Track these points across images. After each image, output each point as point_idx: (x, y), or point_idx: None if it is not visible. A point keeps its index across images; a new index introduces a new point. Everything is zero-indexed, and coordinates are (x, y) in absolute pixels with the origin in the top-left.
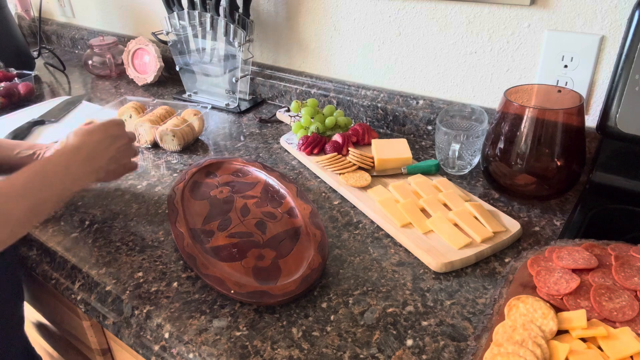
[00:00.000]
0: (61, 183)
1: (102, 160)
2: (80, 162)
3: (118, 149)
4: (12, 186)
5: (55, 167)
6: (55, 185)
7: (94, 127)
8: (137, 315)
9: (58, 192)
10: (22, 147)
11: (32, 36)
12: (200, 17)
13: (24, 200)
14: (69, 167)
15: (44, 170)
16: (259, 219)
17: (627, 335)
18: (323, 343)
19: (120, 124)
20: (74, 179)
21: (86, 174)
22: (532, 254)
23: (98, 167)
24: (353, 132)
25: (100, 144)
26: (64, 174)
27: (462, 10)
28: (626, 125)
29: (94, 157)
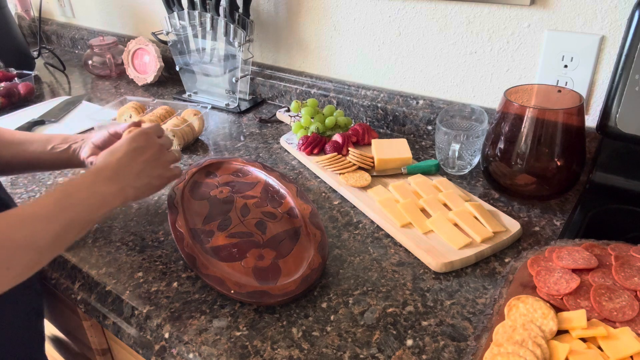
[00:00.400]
0: (87, 204)
1: (128, 177)
2: (103, 182)
3: (146, 161)
4: (40, 209)
5: (79, 188)
6: (81, 206)
7: (118, 144)
8: (137, 315)
9: (85, 215)
10: (56, 142)
11: (32, 36)
12: (200, 17)
13: (52, 223)
14: (93, 187)
15: (68, 193)
16: (259, 219)
17: (627, 335)
18: (323, 343)
19: (146, 134)
20: (100, 201)
21: (112, 195)
22: (532, 254)
23: (124, 185)
24: (353, 132)
25: (123, 160)
26: (88, 195)
27: (462, 10)
28: (626, 125)
29: (118, 176)
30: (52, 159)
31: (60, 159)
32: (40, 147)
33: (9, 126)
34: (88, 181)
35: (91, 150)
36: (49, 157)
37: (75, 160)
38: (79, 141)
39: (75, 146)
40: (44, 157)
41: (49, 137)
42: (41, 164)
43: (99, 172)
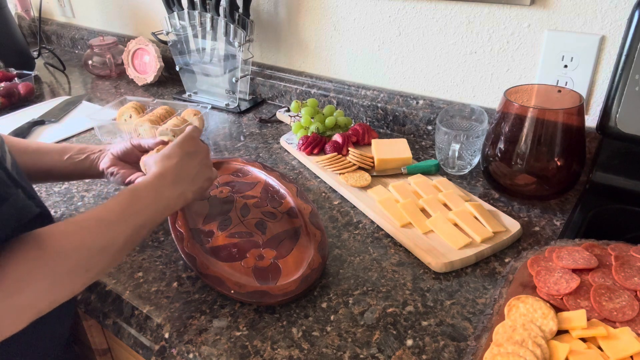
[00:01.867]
0: (154, 209)
1: (187, 181)
2: (167, 186)
3: (199, 164)
4: (112, 213)
5: (146, 193)
6: (148, 210)
7: (171, 149)
8: (137, 315)
9: (152, 218)
10: (72, 152)
11: (32, 36)
12: (200, 17)
13: (125, 226)
14: (158, 192)
15: (137, 196)
16: (259, 219)
17: (627, 335)
18: (323, 343)
19: (194, 138)
20: (164, 205)
21: (175, 198)
22: (532, 254)
23: (185, 189)
24: (353, 132)
25: (179, 165)
26: (155, 199)
27: (462, 10)
28: (626, 125)
29: (179, 180)
30: (70, 169)
31: (78, 169)
32: (56, 157)
33: (9, 126)
34: (153, 186)
35: (111, 161)
36: (66, 167)
37: (93, 171)
38: (96, 152)
39: (94, 157)
40: (61, 167)
41: (64, 147)
42: (58, 174)
43: (162, 177)
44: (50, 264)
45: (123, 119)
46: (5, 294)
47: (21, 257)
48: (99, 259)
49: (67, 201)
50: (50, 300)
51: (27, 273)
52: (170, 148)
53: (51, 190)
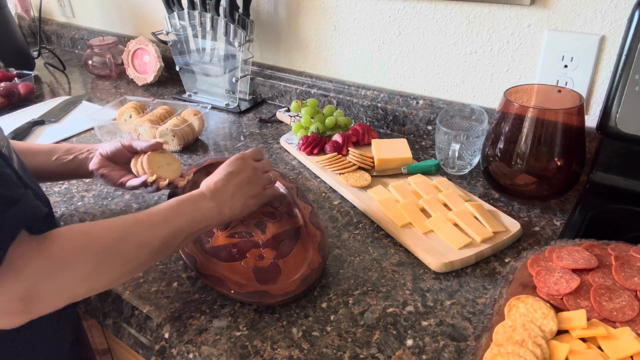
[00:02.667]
0: (191, 217)
1: (224, 198)
2: (205, 200)
3: (239, 184)
4: (154, 215)
5: (187, 202)
6: (186, 217)
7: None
8: (137, 315)
9: (189, 225)
10: (60, 152)
11: (32, 36)
12: (200, 17)
13: (163, 228)
14: (197, 203)
15: (178, 205)
16: (258, 219)
17: (627, 335)
18: (323, 343)
19: (242, 159)
20: (201, 215)
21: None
22: (532, 254)
23: (221, 205)
24: (353, 132)
25: (219, 183)
26: (193, 209)
27: (462, 10)
28: (626, 125)
29: (216, 196)
30: (59, 169)
31: (67, 169)
32: (44, 158)
33: (9, 126)
34: (193, 198)
35: (100, 162)
36: (55, 167)
37: (82, 171)
38: (84, 152)
39: (81, 157)
40: (49, 168)
41: (53, 148)
42: (47, 174)
43: (203, 192)
44: (92, 252)
45: (123, 119)
46: (49, 272)
47: (69, 239)
48: (137, 254)
49: (67, 201)
50: (88, 287)
51: (70, 257)
52: (219, 169)
53: (51, 190)
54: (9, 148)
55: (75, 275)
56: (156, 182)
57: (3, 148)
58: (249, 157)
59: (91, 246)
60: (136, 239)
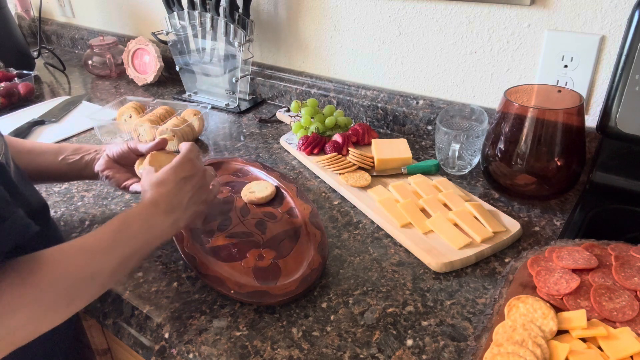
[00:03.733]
0: (144, 238)
1: (180, 209)
2: (159, 215)
3: (192, 189)
4: (99, 242)
5: (136, 222)
6: (138, 238)
7: (165, 174)
8: (137, 315)
9: (141, 247)
10: (67, 152)
11: (32, 36)
12: (200, 17)
13: (112, 255)
14: (149, 220)
15: (126, 225)
16: (259, 219)
17: (627, 335)
18: (323, 343)
19: (190, 160)
20: (155, 234)
21: (166, 228)
22: (532, 254)
23: (177, 217)
24: (353, 132)
25: (173, 192)
26: (145, 228)
27: (462, 10)
28: (626, 125)
29: (172, 209)
30: (64, 170)
31: (73, 170)
32: (50, 158)
33: (9, 126)
34: (144, 215)
35: (106, 163)
36: (61, 168)
37: (87, 172)
38: (91, 152)
39: (88, 158)
40: (55, 168)
41: (59, 147)
42: (52, 174)
43: (154, 206)
44: (31, 296)
45: (123, 119)
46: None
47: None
48: (83, 290)
49: (67, 201)
50: (28, 332)
51: (6, 304)
52: (165, 173)
53: (51, 190)
54: (6, 155)
55: (14, 323)
56: None
57: (0, 155)
58: (194, 157)
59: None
60: (82, 274)
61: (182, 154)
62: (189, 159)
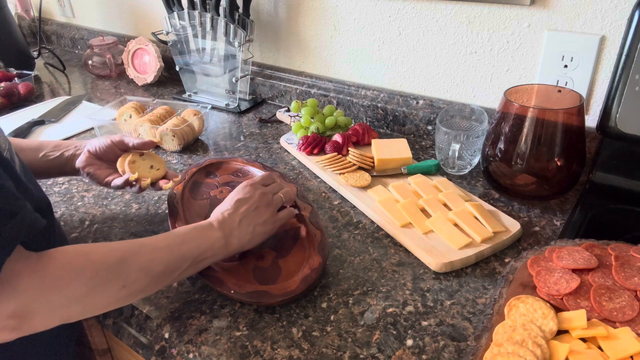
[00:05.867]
0: (196, 244)
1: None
2: (212, 229)
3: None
4: (159, 240)
5: (194, 229)
6: (191, 244)
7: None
8: (137, 315)
9: (193, 253)
10: (47, 149)
11: (32, 36)
12: (200, 17)
13: (166, 253)
14: (204, 231)
15: (184, 232)
16: None
17: (627, 335)
18: (323, 343)
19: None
20: (207, 243)
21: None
22: (532, 254)
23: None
24: (353, 132)
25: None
26: (198, 236)
27: (462, 10)
28: (626, 125)
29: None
30: (45, 166)
31: (54, 166)
32: (31, 154)
33: (9, 126)
34: (199, 227)
35: (87, 159)
36: (41, 164)
37: (68, 169)
38: (71, 149)
39: (68, 154)
40: (36, 165)
41: (40, 144)
42: (35, 172)
43: (210, 222)
44: (90, 273)
45: (123, 119)
46: (44, 290)
47: (66, 258)
48: (137, 278)
49: (67, 201)
50: (82, 308)
51: (67, 276)
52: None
53: (51, 190)
54: (10, 151)
55: (70, 295)
56: (138, 181)
57: (5, 151)
58: (257, 182)
59: (89, 267)
60: (137, 261)
61: (248, 180)
62: (249, 184)
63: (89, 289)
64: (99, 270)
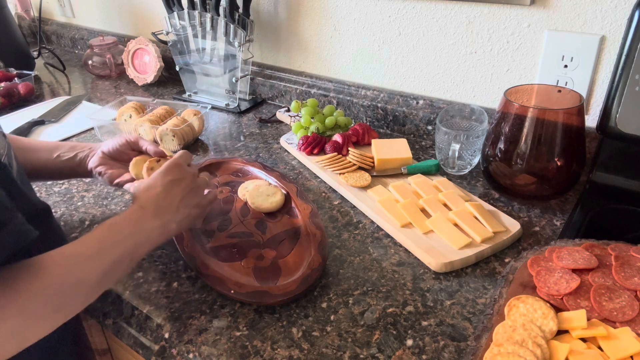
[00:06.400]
0: (132, 242)
1: (169, 212)
2: (147, 218)
3: (182, 192)
4: (87, 248)
5: (124, 225)
6: (127, 242)
7: (153, 179)
8: (137, 315)
9: (130, 250)
10: (63, 150)
11: (32, 36)
12: (200, 17)
13: (100, 261)
14: (137, 223)
15: (114, 229)
16: (259, 219)
17: (627, 335)
18: (323, 343)
19: (178, 165)
20: (144, 237)
21: (156, 230)
22: (532, 254)
23: (166, 220)
24: (353, 132)
25: (161, 195)
26: (134, 232)
27: (462, 10)
28: (626, 125)
29: (160, 212)
30: (59, 167)
31: (67, 167)
32: (45, 155)
33: (9, 126)
34: (133, 218)
35: (100, 160)
36: (55, 165)
37: (81, 170)
38: (85, 150)
39: (82, 155)
40: (50, 166)
41: (56, 145)
42: (47, 172)
43: (142, 209)
44: (18, 304)
45: (123, 119)
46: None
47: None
48: (71, 297)
49: (67, 201)
50: (17, 342)
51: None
52: (152, 177)
53: (51, 190)
54: (9, 155)
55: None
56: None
57: (3, 157)
58: (183, 162)
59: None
60: (69, 280)
61: (170, 159)
62: (177, 163)
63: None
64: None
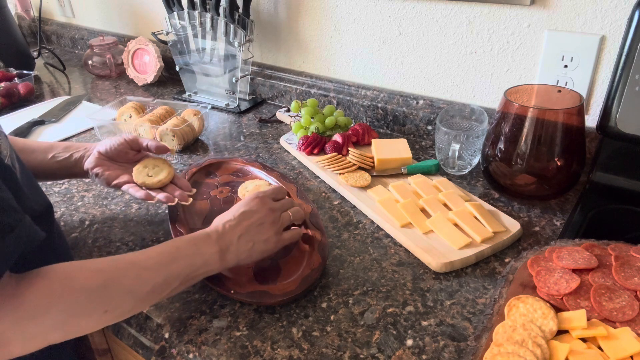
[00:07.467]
0: (189, 262)
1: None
2: (209, 242)
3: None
4: (147, 258)
5: (187, 244)
6: (183, 262)
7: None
8: (137, 315)
9: (185, 270)
10: (57, 150)
11: (32, 36)
12: (200, 17)
13: (155, 273)
14: (198, 246)
15: (176, 247)
16: None
17: (627, 335)
18: (323, 343)
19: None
20: (201, 260)
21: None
22: (532, 254)
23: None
24: (353, 132)
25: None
26: (193, 252)
27: (462, 10)
28: (626, 125)
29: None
30: (54, 168)
31: (62, 167)
32: (41, 156)
33: (9, 126)
34: (195, 240)
35: (96, 160)
36: (51, 166)
37: (77, 170)
38: (80, 150)
39: (77, 155)
40: (46, 166)
41: (50, 145)
42: (44, 173)
43: (207, 233)
44: (70, 300)
45: (123, 119)
46: (19, 318)
47: (43, 287)
48: (121, 301)
49: (67, 201)
50: (62, 334)
51: (45, 304)
52: (233, 207)
53: (51, 190)
54: (12, 157)
55: (47, 324)
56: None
57: (6, 158)
58: (267, 196)
59: (68, 294)
60: (122, 285)
61: (258, 192)
62: (257, 196)
63: (67, 316)
64: (79, 297)
